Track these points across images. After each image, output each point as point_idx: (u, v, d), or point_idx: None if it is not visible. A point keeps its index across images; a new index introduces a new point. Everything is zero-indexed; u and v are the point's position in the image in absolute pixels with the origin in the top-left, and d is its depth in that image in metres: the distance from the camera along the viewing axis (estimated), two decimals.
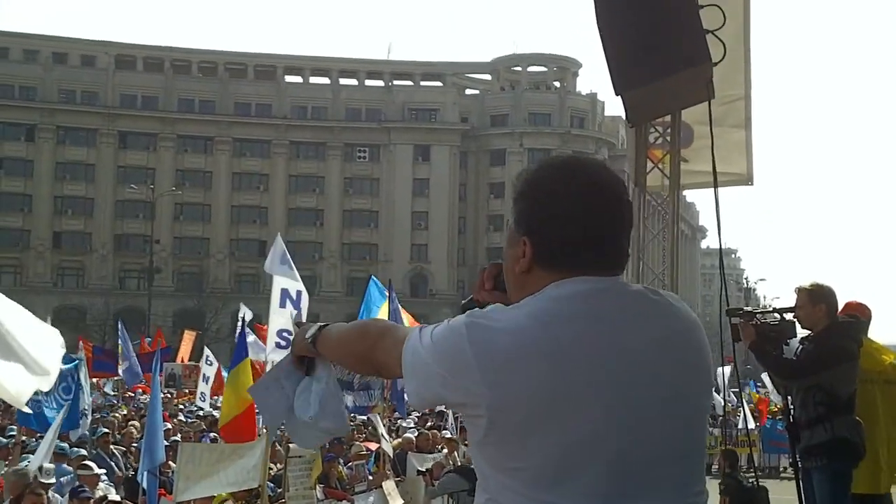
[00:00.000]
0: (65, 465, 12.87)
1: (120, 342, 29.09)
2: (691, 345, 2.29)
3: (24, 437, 15.21)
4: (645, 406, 2.15)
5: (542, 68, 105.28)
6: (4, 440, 15.27)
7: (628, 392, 2.13)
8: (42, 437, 15.07)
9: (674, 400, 2.20)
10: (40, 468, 11.59)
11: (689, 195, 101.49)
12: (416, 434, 18.43)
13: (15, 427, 15.92)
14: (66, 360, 14.88)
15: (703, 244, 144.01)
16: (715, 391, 36.18)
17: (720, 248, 6.93)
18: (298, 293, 16.47)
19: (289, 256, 16.84)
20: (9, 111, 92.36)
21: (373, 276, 18.06)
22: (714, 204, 7.03)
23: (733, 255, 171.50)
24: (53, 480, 11.85)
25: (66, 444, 14.81)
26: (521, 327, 2.12)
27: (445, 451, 17.69)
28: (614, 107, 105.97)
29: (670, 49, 6.78)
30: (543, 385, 2.08)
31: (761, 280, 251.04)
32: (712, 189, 7.75)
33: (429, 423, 20.92)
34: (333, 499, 13.58)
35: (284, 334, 19.16)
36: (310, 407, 2.75)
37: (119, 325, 30.00)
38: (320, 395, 2.75)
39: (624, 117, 8.50)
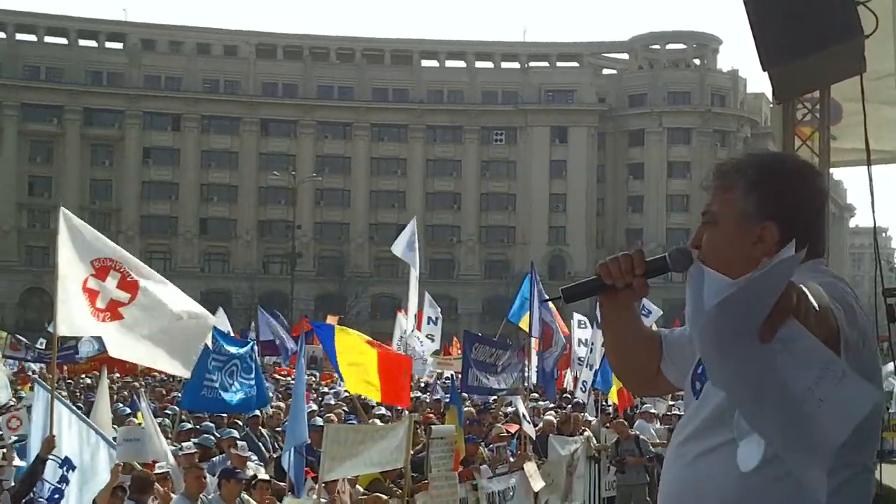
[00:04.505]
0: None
1: (263, 326, 29.64)
2: None
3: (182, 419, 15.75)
4: None
5: (682, 46, 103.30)
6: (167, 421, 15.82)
7: None
8: (211, 419, 15.61)
9: None
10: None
11: (836, 172, 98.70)
12: (557, 417, 18.38)
13: (176, 408, 16.53)
14: (241, 343, 15.46)
15: (852, 223, 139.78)
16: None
17: (874, 228, 6.67)
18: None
19: (416, 240, 17.03)
20: (156, 101, 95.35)
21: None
22: (868, 182, 6.76)
23: (884, 234, 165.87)
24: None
25: (211, 424, 15.24)
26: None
27: (587, 433, 17.60)
28: (757, 84, 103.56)
29: (821, 22, 6.55)
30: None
31: None
32: (861, 167, 7.47)
33: (569, 406, 20.82)
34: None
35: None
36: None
37: (259, 310, 30.57)
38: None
39: (769, 94, 8.26)
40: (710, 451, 2.30)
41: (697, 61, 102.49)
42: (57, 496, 9.67)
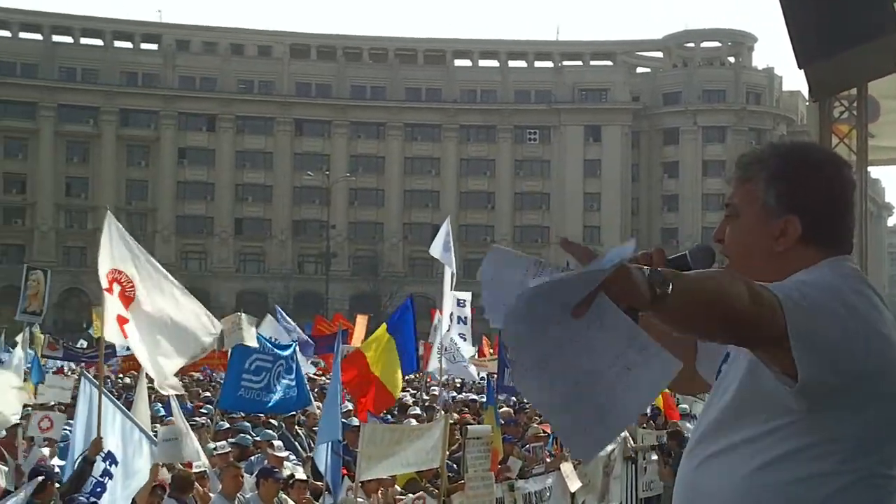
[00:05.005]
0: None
1: (281, 327, 29.49)
2: None
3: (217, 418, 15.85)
4: None
5: (716, 44, 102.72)
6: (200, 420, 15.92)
7: None
8: (247, 419, 15.73)
9: None
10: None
11: (874, 171, 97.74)
12: None
13: (210, 408, 16.62)
14: (284, 347, 15.63)
15: (890, 221, 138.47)
16: None
17: None
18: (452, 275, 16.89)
19: (451, 241, 17.09)
20: (190, 102, 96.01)
21: None
22: None
23: None
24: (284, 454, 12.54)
25: (247, 424, 15.32)
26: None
27: (624, 433, 17.52)
28: (792, 81, 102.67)
29: (856, 19, 6.54)
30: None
31: None
32: None
33: None
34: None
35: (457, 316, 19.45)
36: None
37: (277, 310, 30.57)
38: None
39: (805, 92, 8.23)
40: (714, 455, 2.30)
41: (732, 59, 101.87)
42: (99, 490, 9.80)
